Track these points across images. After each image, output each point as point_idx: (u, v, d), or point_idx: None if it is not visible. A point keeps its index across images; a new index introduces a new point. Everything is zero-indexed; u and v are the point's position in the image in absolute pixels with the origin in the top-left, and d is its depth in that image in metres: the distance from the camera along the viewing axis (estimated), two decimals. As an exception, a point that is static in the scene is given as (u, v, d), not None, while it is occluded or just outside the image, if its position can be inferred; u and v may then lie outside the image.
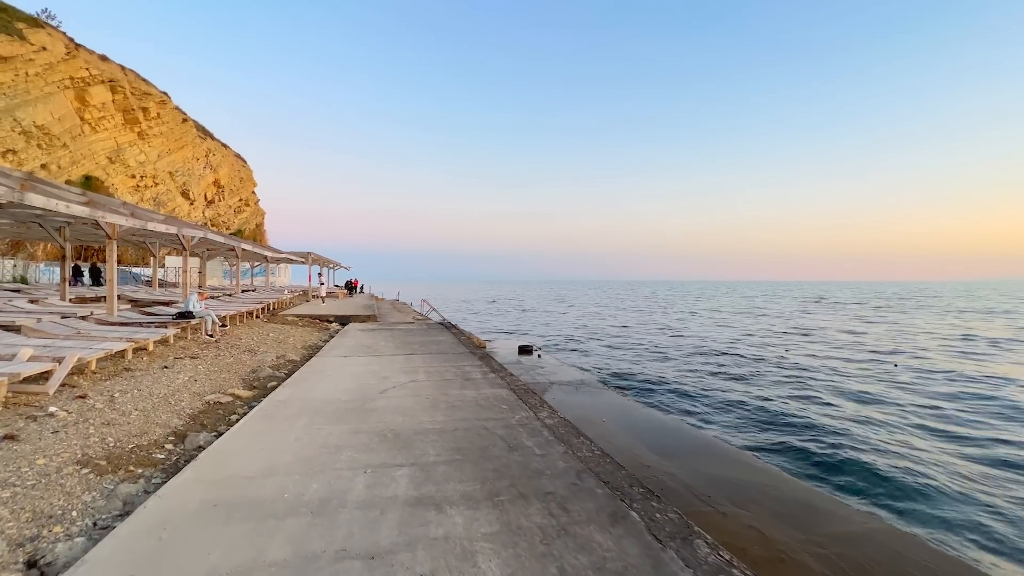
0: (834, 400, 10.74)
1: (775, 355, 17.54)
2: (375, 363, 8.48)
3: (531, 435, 4.74)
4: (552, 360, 14.11)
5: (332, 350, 9.97)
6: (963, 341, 21.66)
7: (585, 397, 9.41)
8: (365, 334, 12.75)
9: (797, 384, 12.33)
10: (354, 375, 7.41)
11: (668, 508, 3.30)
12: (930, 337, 23.09)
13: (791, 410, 9.67)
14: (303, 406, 5.57)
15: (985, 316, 36.55)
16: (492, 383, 7.02)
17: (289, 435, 4.54)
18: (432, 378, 7.31)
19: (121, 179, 34.77)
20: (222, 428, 4.93)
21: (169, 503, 3.15)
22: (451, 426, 4.96)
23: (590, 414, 8.07)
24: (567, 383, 10.62)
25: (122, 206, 9.08)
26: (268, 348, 10.07)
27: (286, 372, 7.85)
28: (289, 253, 24.33)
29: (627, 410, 8.56)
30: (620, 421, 7.75)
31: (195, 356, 8.31)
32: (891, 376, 13.69)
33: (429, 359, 9.00)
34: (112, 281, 9.13)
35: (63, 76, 30.57)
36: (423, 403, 5.83)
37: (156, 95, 37.14)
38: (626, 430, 7.30)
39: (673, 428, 7.83)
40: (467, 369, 8.07)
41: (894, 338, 22.99)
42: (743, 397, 10.83)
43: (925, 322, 31.60)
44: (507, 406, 5.77)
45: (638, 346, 20.11)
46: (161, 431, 4.74)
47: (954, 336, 23.42)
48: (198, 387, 6.48)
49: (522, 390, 6.62)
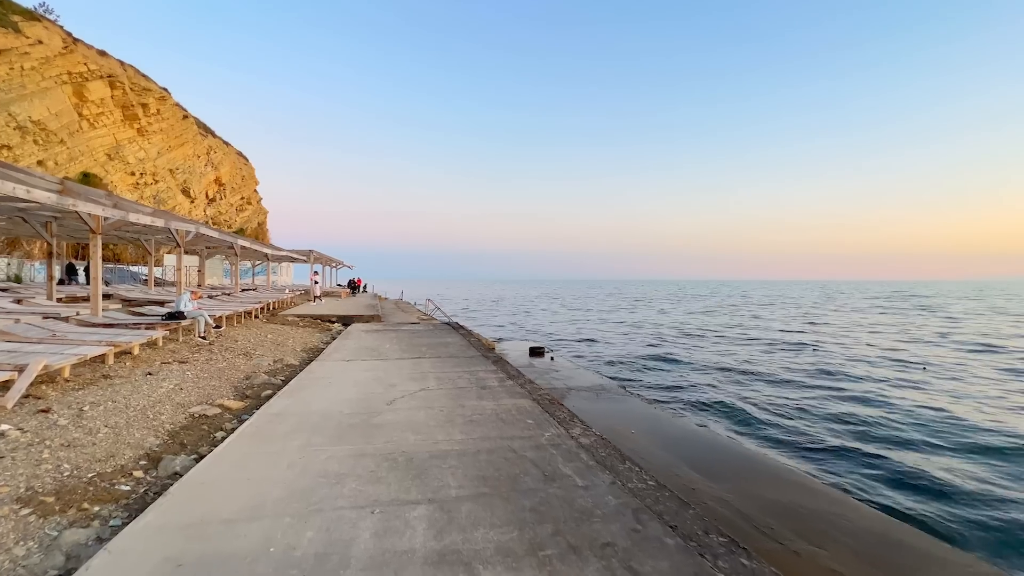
0: (889, 406, 9.98)
1: (819, 354, 16.75)
2: (380, 368, 7.77)
3: (567, 459, 4.01)
4: (566, 363, 13.36)
5: (334, 353, 9.26)
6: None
7: (608, 405, 8.67)
8: (369, 335, 12.05)
9: (850, 390, 11.40)
10: (357, 382, 6.69)
11: (765, 569, 2.56)
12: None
13: (847, 416, 8.91)
14: (300, 421, 4.85)
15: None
16: (511, 392, 6.29)
17: (281, 459, 3.82)
18: (444, 386, 6.58)
19: (120, 176, 34.18)
20: (204, 449, 4.22)
21: (119, 563, 2.43)
22: (472, 446, 4.24)
23: (616, 425, 7.33)
24: (586, 389, 9.87)
25: (105, 197, 8.38)
26: (265, 351, 9.36)
27: (283, 379, 7.14)
28: (290, 251, 23.65)
29: (656, 420, 7.80)
30: (651, 433, 7.00)
31: (184, 361, 7.61)
32: (921, 373, 12.90)
33: (439, 364, 8.27)
34: (96, 279, 8.43)
35: (60, 71, 29.97)
36: (437, 417, 5.10)
37: (156, 91, 36.54)
38: (660, 444, 6.56)
39: (710, 441, 7.09)
40: (482, 375, 7.34)
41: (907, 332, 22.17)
42: (781, 401, 10.08)
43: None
44: (533, 420, 5.03)
45: (651, 347, 19.35)
46: (132, 453, 4.03)
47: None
48: (183, 397, 5.77)
49: (546, 401, 5.89)
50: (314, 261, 25.40)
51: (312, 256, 24.58)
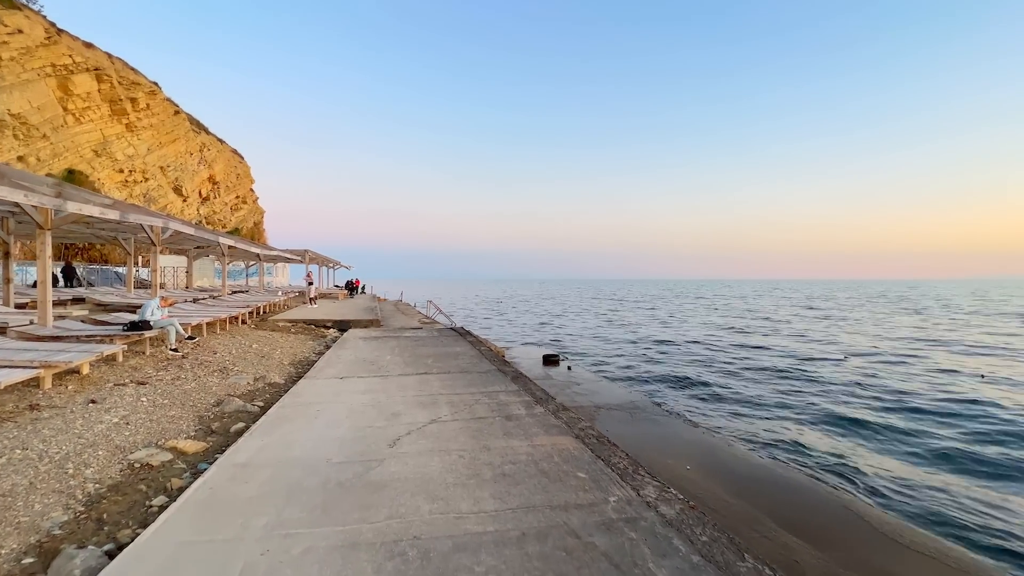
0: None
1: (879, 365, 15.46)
2: (380, 388, 6.49)
3: (658, 551, 2.74)
4: (587, 374, 12.08)
5: (326, 368, 7.98)
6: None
7: (647, 428, 7.40)
8: (367, 344, 10.77)
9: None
10: (352, 411, 5.42)
11: None
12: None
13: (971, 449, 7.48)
14: (272, 477, 3.58)
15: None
16: (545, 424, 5.01)
17: (234, 560, 2.55)
18: (460, 414, 5.31)
19: (108, 173, 32.84)
20: (127, 532, 2.94)
21: None
22: (512, 524, 2.97)
23: (665, 457, 6.07)
24: (616, 407, 8.61)
25: (52, 186, 7.09)
26: (246, 366, 8.07)
27: (262, 404, 5.86)
28: (283, 251, 22.35)
29: (710, 451, 6.53)
30: (712, 471, 5.74)
31: (144, 381, 6.32)
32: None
33: (449, 381, 7.00)
34: (44, 283, 7.14)
35: (43, 63, 28.62)
36: (456, 467, 3.83)
37: (145, 85, 35.16)
38: (727, 486, 5.30)
39: (785, 480, 5.82)
40: (503, 399, 6.07)
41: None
42: (857, 416, 8.74)
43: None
44: (586, 474, 3.77)
45: (674, 352, 18.08)
46: (16, 544, 2.75)
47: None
48: (127, 435, 4.50)
49: (592, 438, 4.62)
50: (309, 261, 24.10)
51: (307, 256, 23.27)
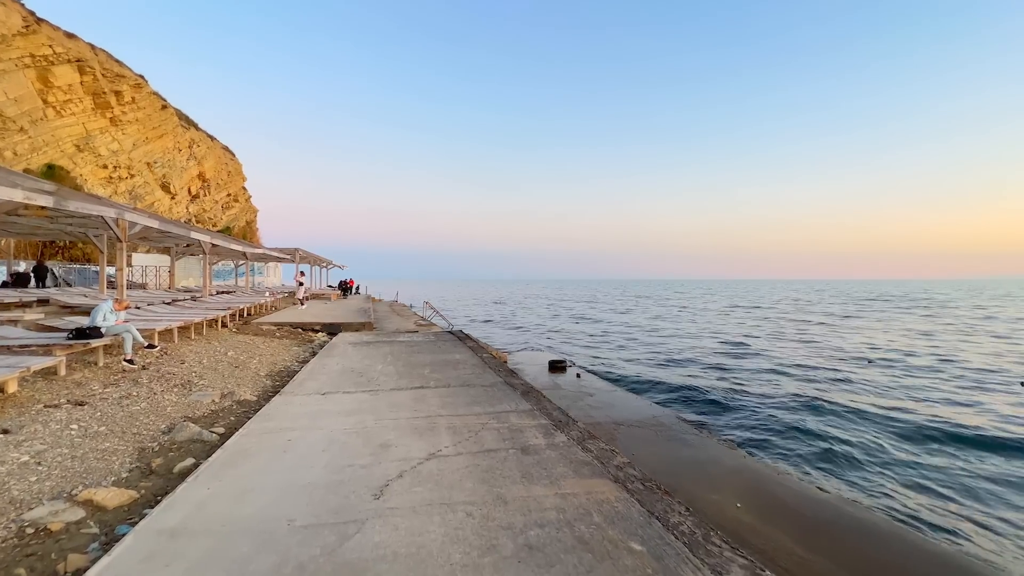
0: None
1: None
2: (368, 408, 5.47)
3: None
4: (598, 383, 11.07)
5: (308, 380, 6.94)
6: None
7: (678, 451, 6.40)
8: (357, 350, 9.73)
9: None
10: (332, 440, 4.39)
11: None
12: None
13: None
14: (207, 557, 2.56)
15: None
16: (572, 459, 4.01)
17: None
18: (464, 444, 4.30)
19: (91, 169, 31.58)
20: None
21: None
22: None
23: (706, 491, 5.08)
24: (637, 423, 7.61)
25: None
26: (215, 378, 7.02)
27: (222, 431, 4.83)
28: (271, 249, 21.23)
29: (758, 481, 5.53)
30: (766, 509, 4.75)
31: (82, 401, 5.27)
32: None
33: (450, 398, 5.99)
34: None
35: (21, 53, 27.37)
36: (465, 536, 2.81)
37: (131, 77, 33.90)
38: (793, 534, 4.32)
39: (864, 525, 4.82)
40: (515, 421, 5.06)
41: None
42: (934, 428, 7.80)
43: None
44: (642, 544, 2.76)
45: (686, 353, 17.12)
46: None
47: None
48: (33, 481, 3.46)
49: (639, 483, 3.61)
50: (300, 260, 22.99)
51: (298, 255, 22.17)
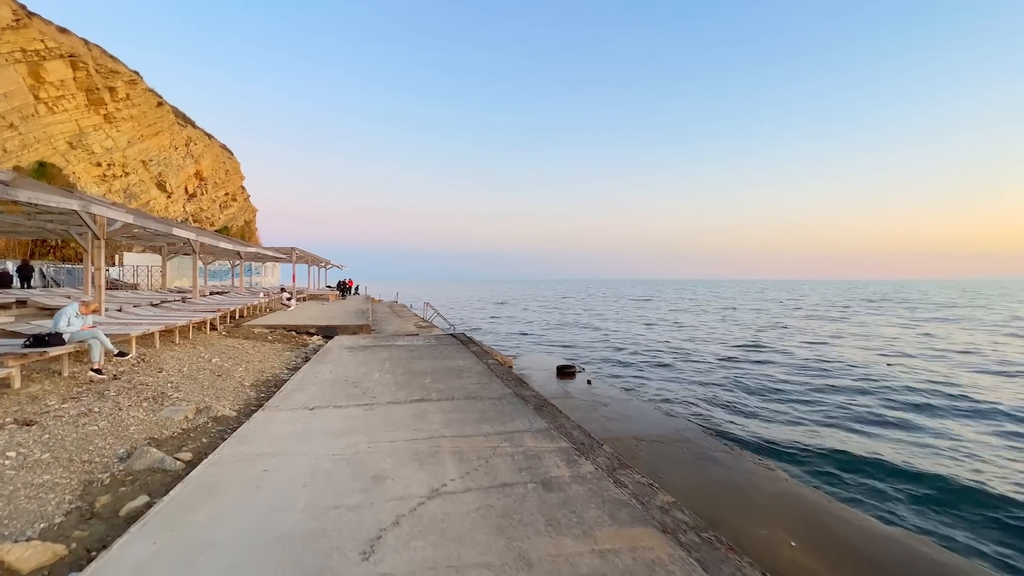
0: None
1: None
2: (362, 427, 4.77)
3: None
4: (611, 391, 10.35)
5: (295, 392, 6.24)
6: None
7: (709, 473, 5.67)
8: (353, 356, 9.03)
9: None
10: (316, 471, 3.69)
11: None
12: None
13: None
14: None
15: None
16: (606, 498, 3.30)
17: None
18: (473, 477, 3.59)
19: (84, 167, 30.90)
20: None
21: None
22: None
23: (752, 525, 4.36)
24: (659, 438, 6.88)
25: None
26: (193, 389, 6.31)
27: (187, 459, 4.12)
28: (266, 249, 20.54)
29: (810, 512, 4.73)
30: (827, 550, 4.01)
31: (31, 420, 4.56)
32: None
33: (455, 414, 5.28)
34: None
35: (12, 47, 26.67)
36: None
37: (125, 73, 33.23)
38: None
39: (946, 568, 4.13)
40: (531, 444, 4.35)
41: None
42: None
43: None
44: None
45: (703, 361, 16.40)
46: None
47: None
48: (-63, 534, 2.75)
49: (694, 533, 2.90)
50: (297, 260, 22.29)
51: (294, 254, 21.47)
